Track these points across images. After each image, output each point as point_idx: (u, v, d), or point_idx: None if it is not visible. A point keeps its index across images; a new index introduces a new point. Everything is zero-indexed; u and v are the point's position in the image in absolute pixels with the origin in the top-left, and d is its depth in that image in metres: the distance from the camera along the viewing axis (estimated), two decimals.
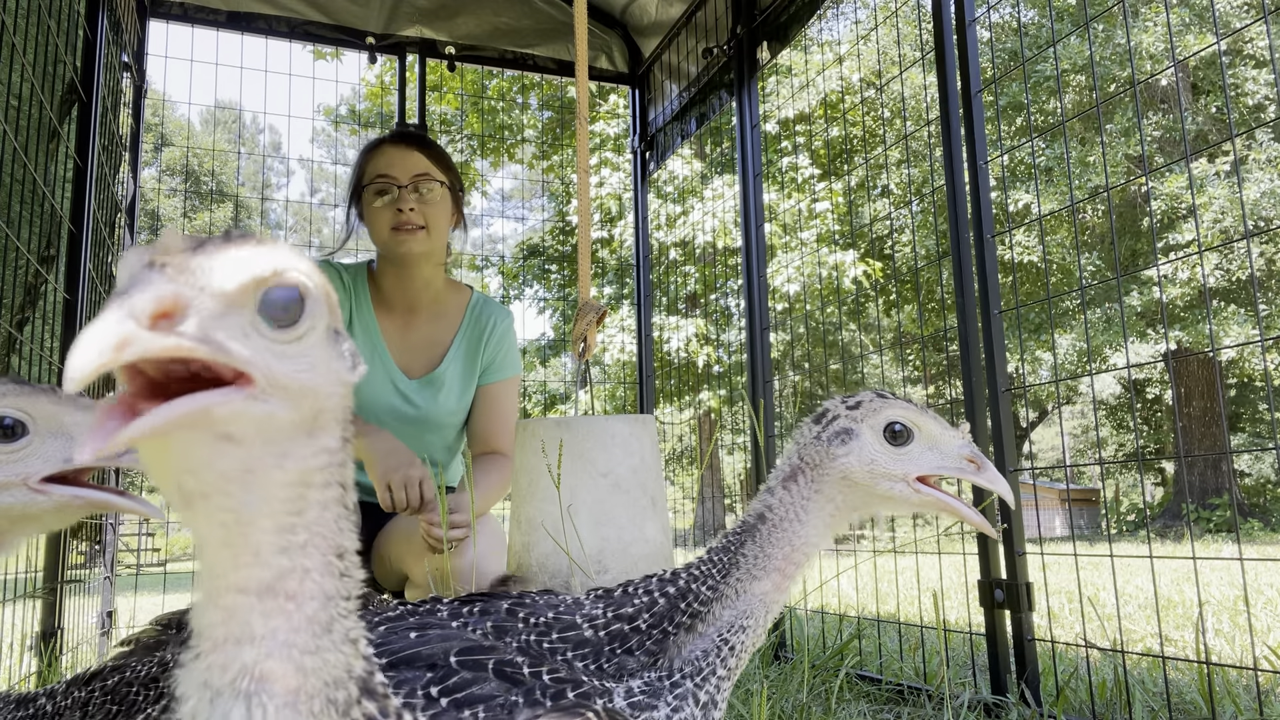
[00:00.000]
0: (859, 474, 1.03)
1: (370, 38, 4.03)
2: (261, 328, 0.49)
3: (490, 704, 0.82)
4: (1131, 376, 4.41)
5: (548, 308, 19.53)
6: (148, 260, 0.47)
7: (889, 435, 1.04)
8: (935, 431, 1.05)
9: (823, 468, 1.04)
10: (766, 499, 1.07)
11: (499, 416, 2.55)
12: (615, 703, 0.91)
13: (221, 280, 0.48)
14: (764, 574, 1.04)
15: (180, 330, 0.46)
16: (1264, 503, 19.32)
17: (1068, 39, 15.96)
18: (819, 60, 9.42)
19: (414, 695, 0.81)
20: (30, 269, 2.52)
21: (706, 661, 0.99)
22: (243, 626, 0.51)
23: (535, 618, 1.00)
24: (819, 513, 1.05)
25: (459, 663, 0.85)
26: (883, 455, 1.03)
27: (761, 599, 1.04)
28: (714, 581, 1.04)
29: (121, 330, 0.44)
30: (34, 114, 2.46)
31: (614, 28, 4.41)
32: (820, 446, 1.05)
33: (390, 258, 2.44)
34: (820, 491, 1.05)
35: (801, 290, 13.64)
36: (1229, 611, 4.05)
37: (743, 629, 1.02)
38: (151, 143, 16.21)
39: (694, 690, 0.97)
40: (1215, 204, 14.71)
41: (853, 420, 1.05)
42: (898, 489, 1.03)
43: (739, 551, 1.05)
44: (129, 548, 12.93)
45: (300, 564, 0.52)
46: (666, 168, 14.73)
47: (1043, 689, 2.21)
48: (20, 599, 2.65)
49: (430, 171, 2.40)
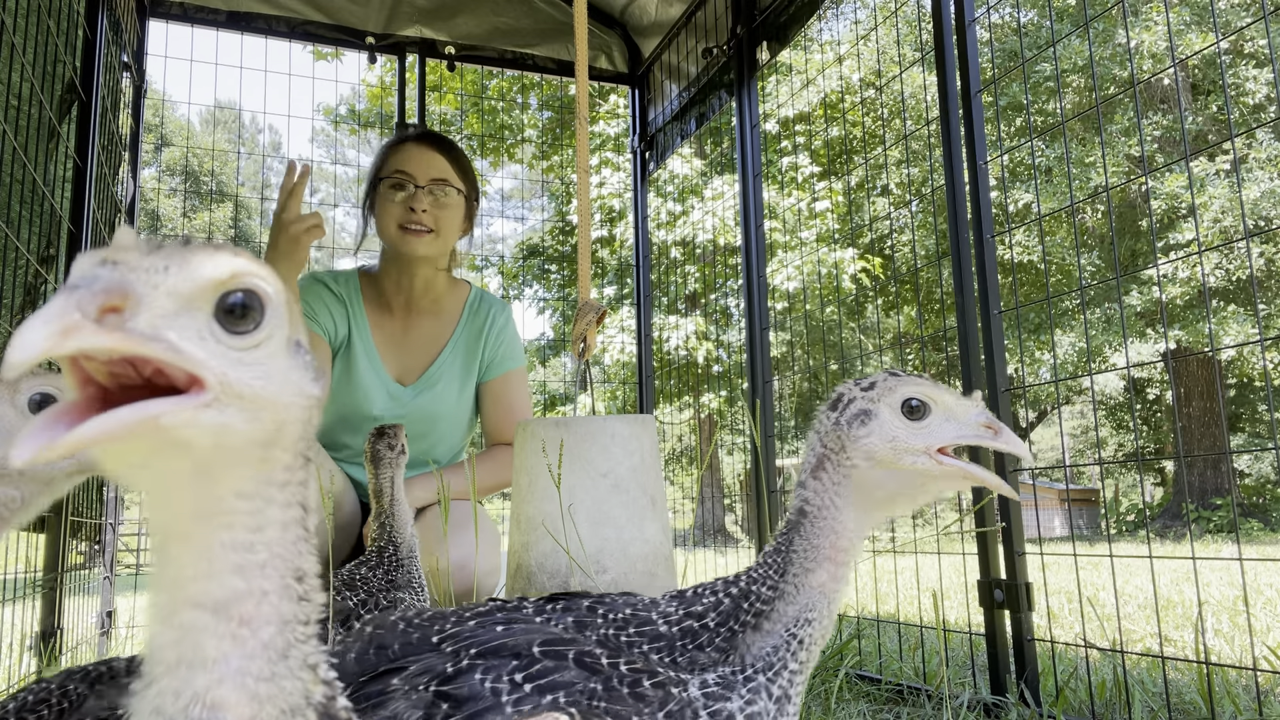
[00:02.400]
0: (882, 452, 1.05)
1: (370, 38, 4.03)
2: (218, 333, 0.47)
3: (570, 690, 0.88)
4: (1131, 376, 4.41)
5: (548, 308, 19.53)
6: (100, 258, 0.46)
7: (906, 411, 1.06)
8: (950, 403, 1.07)
9: (846, 451, 1.06)
10: (801, 492, 1.10)
11: (509, 409, 2.55)
12: (690, 692, 0.94)
13: (176, 279, 0.46)
14: (817, 565, 1.06)
15: (129, 327, 0.44)
16: (1264, 503, 19.32)
17: (1068, 39, 15.96)
18: (819, 60, 9.42)
19: (500, 681, 0.88)
20: (30, 269, 2.52)
21: (777, 656, 1.02)
22: (195, 649, 0.49)
23: (613, 614, 1.05)
24: (852, 497, 1.07)
25: (542, 653, 0.91)
26: (903, 431, 1.05)
27: (821, 590, 1.06)
28: (773, 580, 1.07)
29: (65, 320, 0.42)
30: (33, 114, 2.46)
31: (614, 28, 4.41)
32: (841, 431, 1.07)
33: (394, 255, 2.44)
34: (849, 476, 1.07)
35: (801, 289, 13.64)
36: (1229, 611, 4.05)
37: (808, 621, 1.05)
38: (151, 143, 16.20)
39: (766, 684, 0.99)
40: (1215, 203, 14.71)
41: (869, 401, 1.07)
42: (921, 461, 1.05)
43: (790, 549, 1.08)
44: (129, 548, 12.93)
45: (258, 586, 0.50)
46: (667, 167, 14.73)
47: (1042, 689, 2.21)
48: (20, 599, 2.65)
49: (449, 178, 2.39)
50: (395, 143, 2.45)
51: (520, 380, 2.60)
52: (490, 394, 2.55)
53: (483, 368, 2.56)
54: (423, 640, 0.96)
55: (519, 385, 2.59)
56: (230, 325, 0.48)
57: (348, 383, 2.42)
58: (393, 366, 2.48)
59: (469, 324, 2.55)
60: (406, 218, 2.35)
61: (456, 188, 2.41)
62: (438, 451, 2.53)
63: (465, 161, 2.47)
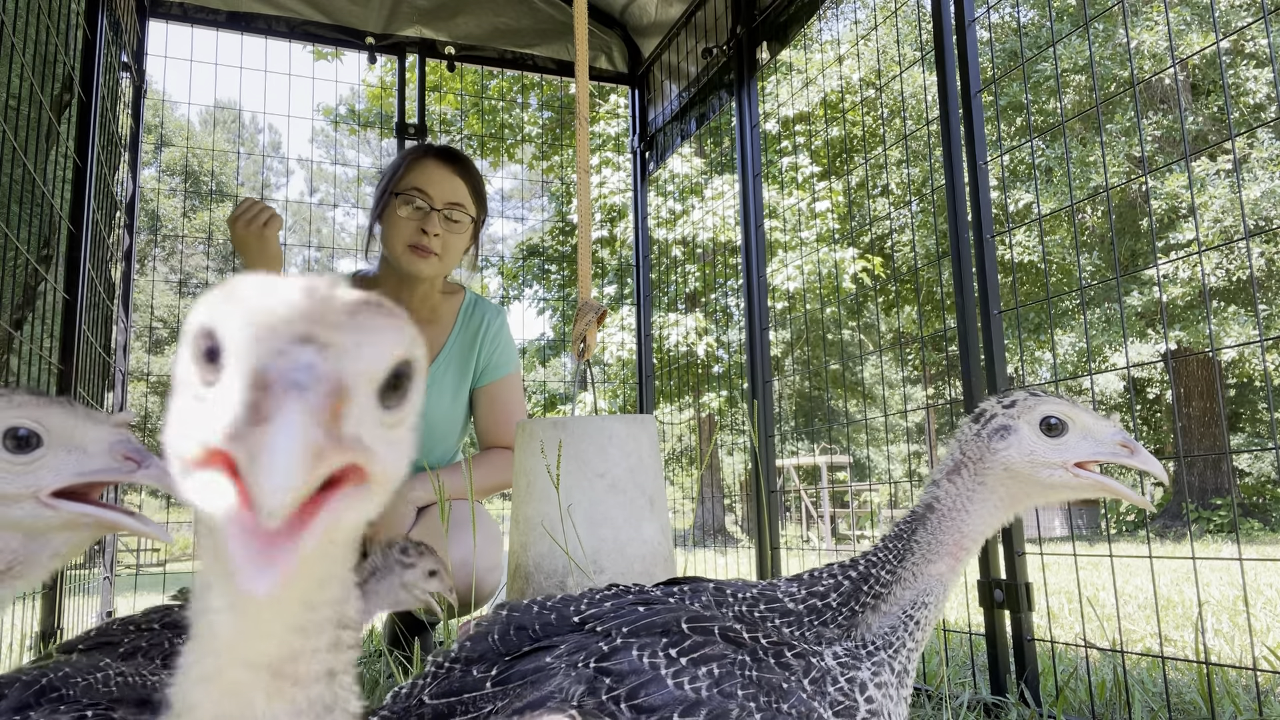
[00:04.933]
0: (1020, 464, 1.13)
1: (370, 38, 4.03)
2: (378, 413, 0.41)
3: (722, 662, 0.95)
4: (1132, 376, 4.42)
5: (548, 308, 19.52)
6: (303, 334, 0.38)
7: (1045, 428, 1.13)
8: (1088, 421, 1.15)
9: (984, 461, 1.15)
10: (934, 490, 1.18)
11: (504, 413, 2.55)
12: (826, 661, 1.02)
13: (371, 363, 0.40)
14: (938, 557, 1.14)
15: (345, 433, 0.38)
16: (1264, 502, 19.32)
17: (1068, 39, 15.95)
18: (819, 60, 9.42)
19: (656, 656, 0.95)
20: (29, 268, 2.52)
21: (896, 635, 1.10)
22: (244, 707, 0.45)
23: (741, 593, 1.13)
24: (984, 503, 1.15)
25: (690, 629, 0.98)
26: (1041, 446, 1.13)
27: (939, 579, 1.14)
28: (892, 566, 1.15)
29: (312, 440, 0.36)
30: (32, 114, 2.46)
31: (614, 28, 4.41)
32: (981, 442, 1.15)
33: (397, 269, 2.43)
34: (984, 483, 1.15)
35: (801, 289, 13.64)
36: (1229, 611, 4.05)
37: (925, 605, 1.13)
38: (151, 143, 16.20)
39: (889, 659, 1.07)
40: (1215, 203, 14.71)
41: (1010, 417, 1.15)
42: (1058, 475, 1.12)
43: (911, 539, 1.16)
44: (129, 548, 12.93)
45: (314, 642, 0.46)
46: (667, 166, 14.73)
47: (1042, 689, 2.20)
48: (20, 599, 2.65)
49: (465, 202, 2.39)
50: (417, 155, 2.42)
51: (515, 384, 2.60)
52: (485, 398, 2.55)
53: (477, 372, 2.56)
54: (561, 620, 1.02)
55: (513, 389, 2.59)
56: (385, 401, 0.42)
57: None
58: None
59: (464, 329, 2.55)
60: (417, 239, 2.34)
61: (470, 215, 2.41)
62: (432, 455, 2.53)
63: (480, 184, 2.47)
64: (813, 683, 0.98)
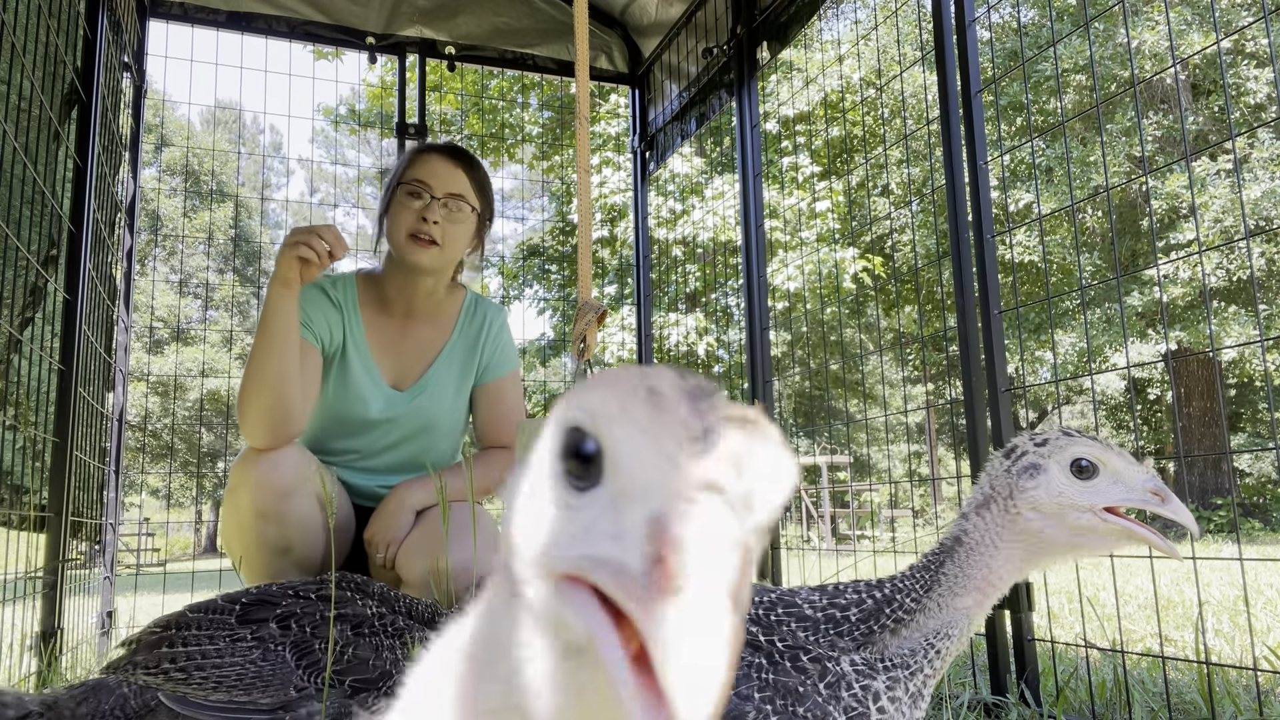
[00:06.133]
0: (1047, 505, 1.11)
1: (370, 38, 4.03)
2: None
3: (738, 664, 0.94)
4: (1132, 376, 4.42)
5: (548, 308, 19.52)
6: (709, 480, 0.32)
7: (1075, 470, 1.12)
8: (1120, 466, 1.13)
9: (1013, 499, 1.13)
10: (963, 524, 1.18)
11: (504, 413, 2.55)
12: (841, 667, 1.02)
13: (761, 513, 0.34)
14: (964, 591, 1.14)
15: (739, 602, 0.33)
16: (1264, 502, 19.31)
17: (1068, 39, 15.96)
18: (820, 59, 9.42)
19: None
20: (32, 269, 2.52)
21: (915, 659, 1.09)
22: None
23: (760, 596, 1.13)
24: (1014, 541, 1.14)
25: None
26: (1069, 488, 1.12)
27: (964, 612, 1.14)
28: (917, 595, 1.15)
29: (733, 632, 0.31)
30: (36, 114, 2.46)
31: (614, 28, 4.41)
32: (1010, 479, 1.14)
33: (399, 261, 2.44)
34: (1013, 521, 1.14)
35: (801, 289, 13.64)
36: (1229, 611, 4.05)
37: (948, 636, 1.12)
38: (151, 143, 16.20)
39: (905, 679, 1.07)
40: (1216, 203, 14.71)
41: (1040, 456, 1.14)
42: (1085, 519, 1.11)
43: (939, 570, 1.16)
44: (129, 548, 12.92)
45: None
46: (667, 166, 14.73)
47: (1042, 689, 2.21)
48: (20, 599, 2.65)
49: (466, 194, 2.39)
50: (420, 151, 2.44)
51: (515, 383, 2.61)
52: (485, 397, 2.55)
53: (479, 372, 2.56)
54: None
55: (513, 388, 2.60)
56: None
57: (343, 389, 2.42)
58: (388, 371, 2.48)
59: (465, 328, 2.55)
60: (417, 227, 2.35)
61: (471, 205, 2.41)
62: (432, 455, 2.53)
63: (485, 180, 2.48)
64: (828, 687, 0.99)
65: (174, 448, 19.50)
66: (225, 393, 16.03)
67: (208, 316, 23.79)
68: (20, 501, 2.65)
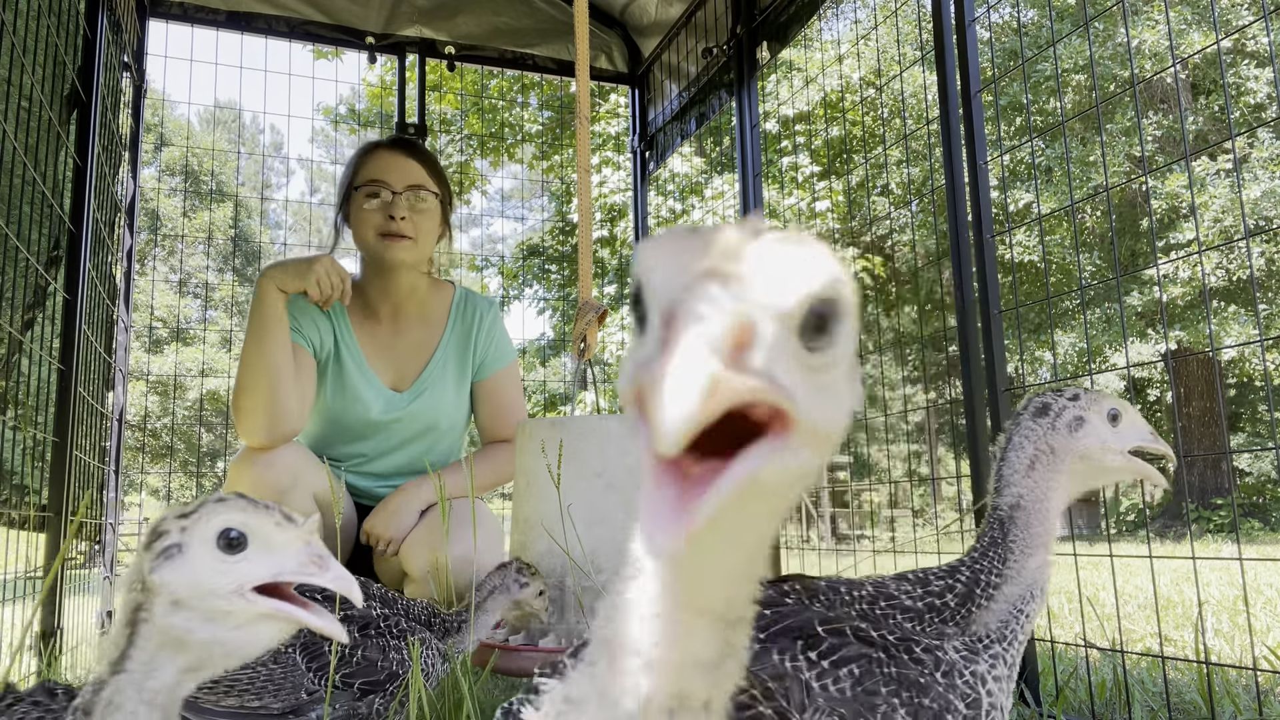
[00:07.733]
0: (1095, 452, 1.26)
1: (370, 37, 4.03)
2: (799, 353, 0.38)
3: (860, 662, 1.00)
4: (1132, 376, 4.42)
5: (548, 308, 19.52)
6: (707, 269, 0.37)
7: (1110, 418, 1.27)
8: (1134, 412, 1.30)
9: (1057, 453, 1.26)
10: (1015, 490, 1.27)
11: (503, 406, 2.55)
12: (950, 655, 1.07)
13: (781, 296, 0.37)
14: (1034, 550, 1.24)
15: (751, 367, 0.36)
16: (1264, 502, 19.31)
17: (1068, 39, 15.96)
18: (819, 59, 9.42)
19: (797, 659, 0.99)
20: (35, 271, 2.52)
21: (1009, 629, 1.17)
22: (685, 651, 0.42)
23: (857, 590, 1.18)
24: (1060, 490, 1.27)
25: (824, 631, 1.02)
26: (1111, 436, 1.27)
27: (1039, 570, 1.24)
28: (999, 567, 1.23)
29: (709, 370, 0.35)
30: (37, 114, 2.46)
31: (614, 27, 4.41)
32: (1057, 435, 1.26)
33: (374, 263, 2.44)
34: (1060, 472, 1.26)
35: None
36: (1229, 611, 4.05)
37: (1033, 598, 1.22)
38: (151, 143, 16.21)
39: (1003, 652, 1.14)
40: (1216, 203, 14.71)
41: (1080, 409, 1.27)
42: (1119, 460, 1.26)
43: (1007, 540, 1.25)
44: (129, 548, 12.91)
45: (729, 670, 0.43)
46: (667, 166, 14.73)
47: (1042, 689, 2.21)
48: (20, 599, 2.65)
49: (425, 183, 2.39)
50: (367, 150, 2.45)
51: (512, 377, 2.61)
52: (483, 393, 2.56)
53: (475, 368, 2.56)
54: None
55: (511, 382, 2.60)
56: (808, 341, 0.39)
57: (341, 392, 2.42)
58: (385, 374, 2.47)
59: (457, 325, 2.55)
60: (385, 225, 2.34)
61: (433, 191, 2.41)
62: (435, 453, 2.54)
63: (438, 165, 2.48)
64: (944, 675, 1.03)
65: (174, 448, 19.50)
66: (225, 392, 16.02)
67: (207, 316, 23.79)
68: (23, 502, 2.65)
